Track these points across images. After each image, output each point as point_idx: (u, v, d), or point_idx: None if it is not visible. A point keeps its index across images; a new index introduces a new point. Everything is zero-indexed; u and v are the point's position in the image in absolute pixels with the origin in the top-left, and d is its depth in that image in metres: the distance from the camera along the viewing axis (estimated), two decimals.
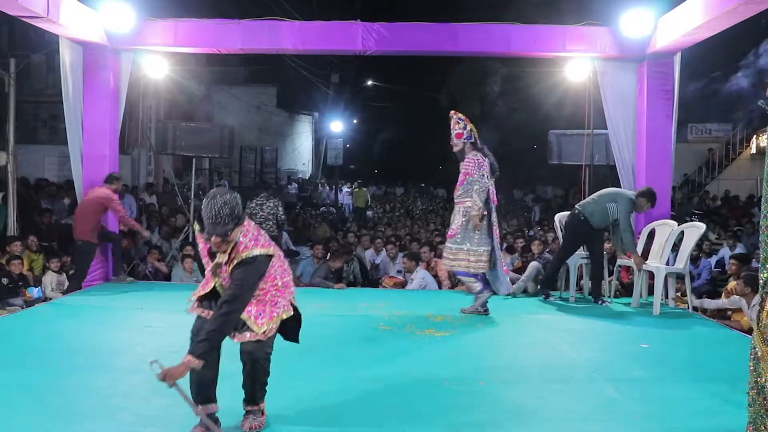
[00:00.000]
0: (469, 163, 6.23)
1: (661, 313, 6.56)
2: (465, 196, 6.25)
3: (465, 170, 6.24)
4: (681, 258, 6.81)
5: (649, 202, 6.96)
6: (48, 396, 3.85)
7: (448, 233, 6.49)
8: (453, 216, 6.44)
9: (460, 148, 6.32)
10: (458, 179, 6.33)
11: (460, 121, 6.30)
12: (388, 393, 4.03)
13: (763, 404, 2.76)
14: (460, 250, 6.23)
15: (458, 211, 6.32)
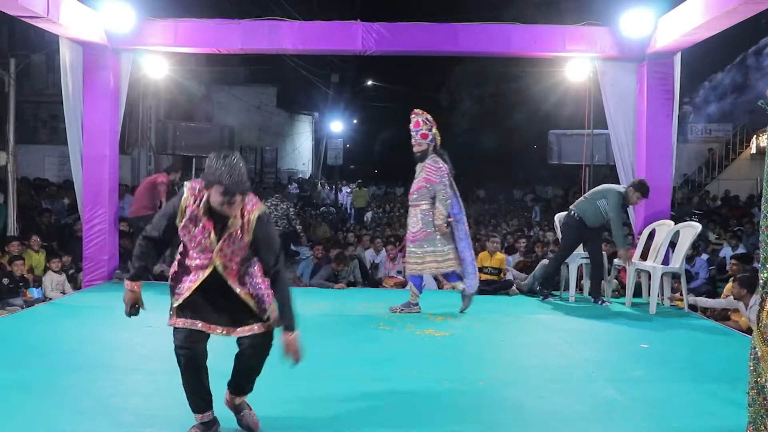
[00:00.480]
0: (431, 170, 6.19)
1: (661, 313, 6.56)
2: (422, 200, 6.24)
3: (427, 177, 6.19)
4: (677, 257, 6.81)
5: (639, 192, 6.92)
6: (48, 396, 3.85)
7: (407, 237, 6.44)
8: (409, 219, 6.40)
9: (423, 149, 6.25)
10: (416, 182, 6.29)
11: (427, 121, 6.24)
12: (388, 393, 4.03)
13: (763, 404, 2.76)
14: (426, 253, 6.23)
15: (415, 214, 6.30)
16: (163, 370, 4.44)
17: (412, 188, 6.39)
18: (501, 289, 7.68)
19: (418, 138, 6.23)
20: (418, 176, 6.29)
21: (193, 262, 3.30)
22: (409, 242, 6.34)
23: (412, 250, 6.29)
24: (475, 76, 26.35)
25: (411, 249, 6.30)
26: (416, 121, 6.26)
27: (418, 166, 6.31)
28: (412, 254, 6.29)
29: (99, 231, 7.79)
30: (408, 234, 6.42)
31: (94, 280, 7.78)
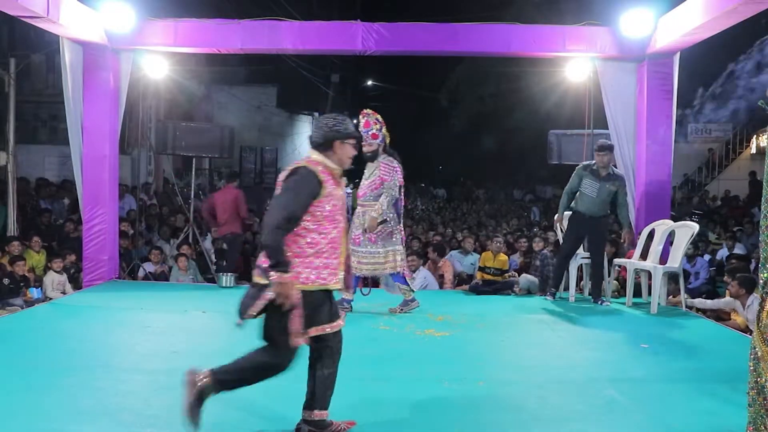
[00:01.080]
0: (386, 168, 6.15)
1: (661, 313, 6.56)
2: (376, 200, 6.19)
3: (382, 176, 6.15)
4: (675, 257, 6.81)
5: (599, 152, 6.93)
6: (48, 396, 3.85)
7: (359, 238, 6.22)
8: (363, 219, 6.24)
9: (374, 149, 6.18)
10: (369, 182, 6.23)
11: (377, 122, 6.18)
12: (388, 393, 4.03)
13: (763, 404, 2.76)
14: (387, 253, 6.16)
15: (365, 213, 6.23)
16: (163, 370, 4.44)
17: (363, 188, 6.27)
18: (502, 289, 7.67)
19: (368, 138, 6.15)
20: (370, 176, 6.23)
21: (329, 235, 3.24)
22: (369, 243, 6.16)
23: (372, 251, 6.15)
24: (475, 76, 26.34)
25: (370, 250, 6.15)
26: (366, 121, 6.19)
27: (369, 167, 6.26)
28: (372, 255, 6.15)
29: (99, 231, 7.79)
30: (364, 236, 6.19)
31: (94, 280, 7.78)
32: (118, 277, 8.16)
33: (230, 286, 7.88)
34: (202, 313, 6.30)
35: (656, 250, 6.89)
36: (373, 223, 6.11)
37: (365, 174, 6.32)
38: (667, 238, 6.98)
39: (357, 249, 6.16)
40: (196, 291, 7.77)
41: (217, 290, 7.82)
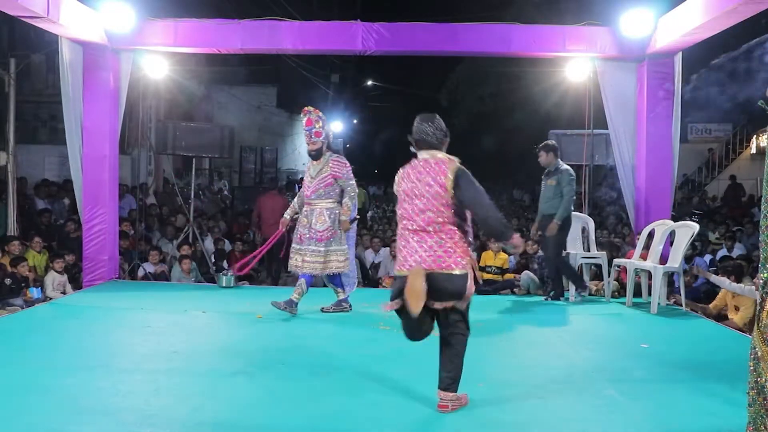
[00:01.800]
0: (338, 165, 6.10)
1: (661, 313, 6.57)
2: (327, 197, 6.11)
3: (334, 173, 6.08)
4: (675, 257, 6.82)
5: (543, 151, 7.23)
6: (48, 395, 3.85)
7: (310, 236, 6.09)
8: (311, 217, 6.13)
9: (318, 147, 6.11)
10: (317, 180, 6.11)
11: (319, 119, 6.09)
12: (388, 393, 4.03)
13: (763, 404, 2.76)
14: (330, 252, 6.09)
15: (320, 212, 6.11)
16: (163, 370, 4.45)
17: (311, 186, 6.16)
18: (502, 288, 7.68)
19: (312, 136, 6.07)
20: (318, 174, 6.12)
21: None
22: (318, 242, 6.06)
23: (316, 249, 6.06)
24: (475, 76, 26.38)
25: (314, 248, 6.06)
26: (308, 119, 6.08)
27: (314, 165, 6.18)
28: (316, 254, 6.06)
29: (99, 231, 7.80)
30: (308, 233, 6.09)
31: (94, 280, 7.79)
32: (118, 277, 8.17)
33: (230, 286, 7.88)
34: (202, 313, 6.31)
35: (656, 250, 6.89)
36: (346, 225, 6.09)
37: (310, 172, 6.23)
38: (668, 238, 6.98)
39: (301, 247, 6.11)
40: (196, 291, 7.77)
41: (217, 290, 7.82)
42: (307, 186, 6.25)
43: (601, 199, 11.64)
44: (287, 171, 27.41)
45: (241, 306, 6.62)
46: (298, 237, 6.19)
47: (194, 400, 3.85)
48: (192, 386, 4.13)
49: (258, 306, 6.36)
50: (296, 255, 6.19)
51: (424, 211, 3.62)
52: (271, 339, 5.40)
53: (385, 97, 32.59)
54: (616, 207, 10.11)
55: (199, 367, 4.53)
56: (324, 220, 6.10)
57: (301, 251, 6.12)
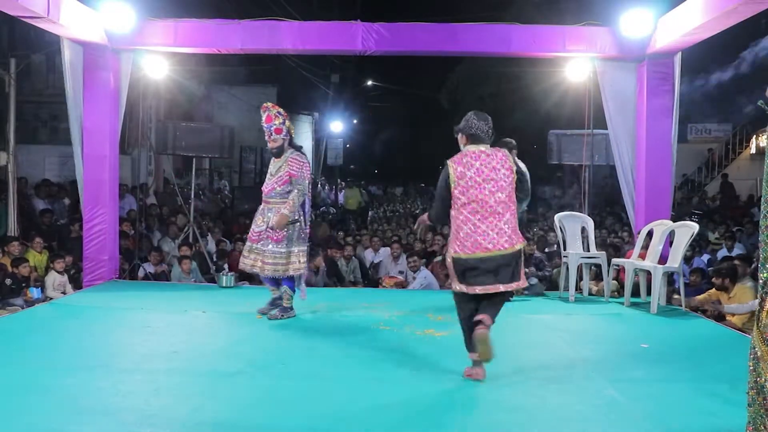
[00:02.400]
0: (296, 164, 5.87)
1: (661, 313, 6.57)
2: (285, 197, 5.88)
3: (290, 171, 5.84)
4: (674, 257, 6.82)
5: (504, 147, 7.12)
6: (48, 395, 3.85)
7: (268, 236, 5.85)
8: (269, 216, 5.89)
9: (279, 144, 5.89)
10: (275, 178, 5.90)
11: (279, 115, 5.86)
12: (388, 393, 4.03)
13: (763, 404, 2.76)
14: (291, 253, 5.86)
15: (277, 212, 5.87)
16: (163, 370, 4.45)
17: (269, 184, 5.94)
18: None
19: (272, 134, 5.87)
20: (277, 172, 5.91)
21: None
22: (275, 242, 5.83)
23: (276, 250, 5.83)
24: (475, 76, 26.36)
25: (275, 249, 5.83)
26: (268, 116, 5.87)
27: (274, 162, 5.97)
28: (276, 255, 5.83)
29: (99, 231, 7.80)
30: (266, 233, 5.87)
31: (94, 280, 7.79)
32: (119, 277, 8.17)
33: (230, 286, 7.88)
34: (202, 313, 6.31)
35: (655, 250, 6.90)
36: (284, 221, 5.77)
37: (270, 170, 6.04)
38: (667, 237, 6.99)
39: (259, 247, 5.89)
40: (196, 291, 7.77)
41: (217, 290, 7.82)
42: (265, 184, 6.02)
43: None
44: None
45: (241, 306, 6.62)
46: (251, 235, 5.95)
47: (194, 400, 3.85)
48: (192, 386, 4.13)
49: (258, 306, 6.35)
50: (251, 254, 5.93)
51: (494, 193, 4.15)
52: (271, 339, 5.40)
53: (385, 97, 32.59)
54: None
55: (199, 367, 4.53)
56: None
57: (257, 251, 5.88)
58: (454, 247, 4.22)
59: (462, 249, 4.16)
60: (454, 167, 4.21)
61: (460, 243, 4.18)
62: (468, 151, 4.26)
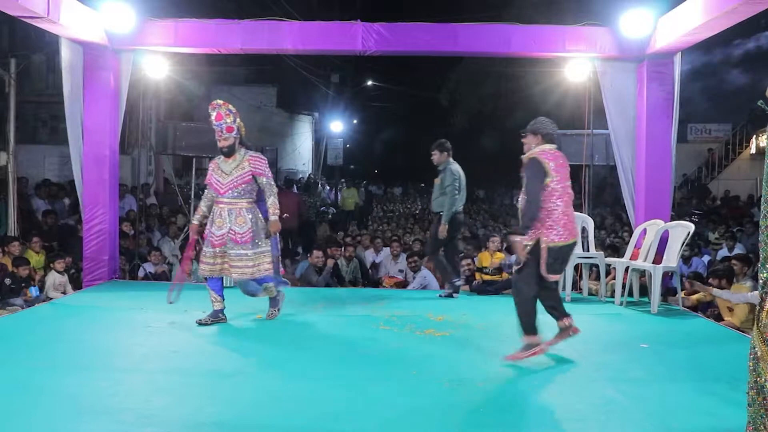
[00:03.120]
0: (258, 162, 5.69)
1: (661, 313, 6.57)
2: (246, 196, 5.69)
3: (254, 170, 5.66)
4: (670, 256, 6.83)
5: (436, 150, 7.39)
6: (48, 395, 3.85)
7: (232, 238, 5.62)
8: (229, 218, 5.65)
9: (230, 143, 5.65)
10: (234, 177, 5.64)
11: (230, 113, 5.64)
12: (388, 393, 4.03)
13: (763, 404, 2.76)
14: (260, 254, 5.67)
15: (239, 212, 5.65)
16: (163, 370, 4.45)
17: (225, 184, 5.67)
18: (503, 288, 7.67)
19: (223, 132, 5.63)
20: (233, 171, 5.66)
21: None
22: (240, 244, 5.61)
23: (243, 253, 5.61)
24: (475, 76, 26.31)
25: (241, 252, 5.61)
26: (218, 114, 5.63)
27: (226, 162, 5.71)
28: (243, 258, 5.62)
29: (99, 231, 7.80)
30: (230, 235, 5.62)
31: (94, 280, 7.79)
32: (118, 277, 8.17)
33: (230, 286, 7.86)
34: (202, 313, 6.30)
35: (650, 250, 6.92)
36: (277, 226, 5.68)
37: (222, 169, 5.72)
38: (662, 237, 7.00)
39: (225, 251, 5.66)
40: (196, 291, 7.76)
41: None
42: (219, 184, 5.71)
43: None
44: (287, 171, 27.43)
45: (240, 306, 6.62)
46: (213, 240, 5.68)
47: (194, 400, 3.86)
48: (192, 386, 4.13)
49: (258, 306, 6.35)
50: (215, 259, 5.71)
51: (571, 186, 4.71)
52: (271, 339, 5.40)
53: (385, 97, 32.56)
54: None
55: (199, 367, 4.53)
56: (244, 221, 5.65)
57: (222, 255, 5.67)
58: (549, 235, 4.51)
59: (560, 237, 4.52)
60: (546, 161, 4.54)
61: (556, 231, 4.51)
62: (546, 148, 4.64)
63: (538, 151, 4.63)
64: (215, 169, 5.78)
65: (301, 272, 9.10)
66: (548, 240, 4.52)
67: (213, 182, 5.76)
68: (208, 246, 5.74)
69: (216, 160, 5.83)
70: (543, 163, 4.55)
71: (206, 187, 5.94)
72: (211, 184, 5.79)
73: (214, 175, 5.76)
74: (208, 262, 5.74)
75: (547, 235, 4.52)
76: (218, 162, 5.79)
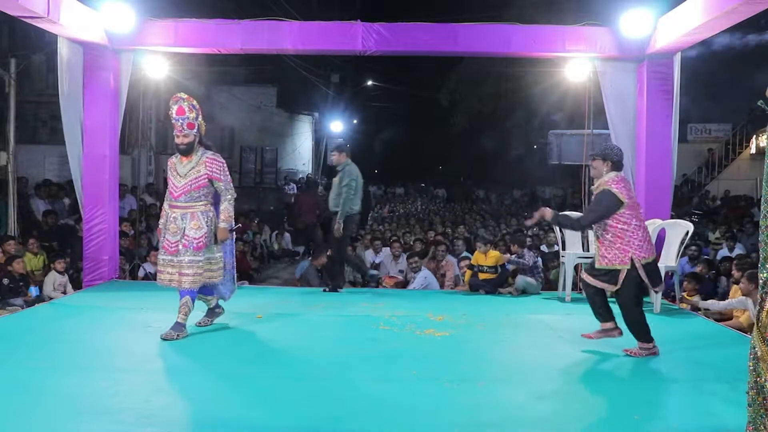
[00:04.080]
0: (215, 165, 5.30)
1: (661, 313, 6.57)
2: (202, 200, 5.30)
3: (210, 172, 5.27)
4: (667, 255, 6.84)
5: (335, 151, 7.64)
6: (48, 395, 3.86)
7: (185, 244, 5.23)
8: (183, 223, 5.26)
9: (190, 140, 5.22)
10: (189, 180, 5.26)
11: (192, 108, 5.23)
12: (388, 393, 4.03)
13: (763, 404, 2.76)
14: (210, 261, 5.37)
15: (194, 217, 5.26)
16: (163, 370, 4.45)
17: (180, 187, 5.27)
18: (500, 285, 7.66)
19: (184, 128, 5.18)
20: (189, 173, 5.27)
21: None
22: (195, 251, 5.22)
23: (195, 259, 5.22)
24: (475, 76, 26.32)
25: (191, 258, 5.21)
26: (180, 107, 5.19)
27: (182, 162, 5.30)
28: (195, 264, 5.22)
29: (99, 231, 7.80)
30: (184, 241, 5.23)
31: (94, 280, 7.78)
32: (118, 277, 8.17)
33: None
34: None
35: None
36: (226, 235, 5.39)
37: (177, 170, 5.33)
38: (665, 237, 7.01)
39: (174, 258, 5.25)
40: None
41: None
42: (174, 187, 5.31)
43: None
44: (287, 171, 27.45)
45: (241, 306, 6.62)
46: (169, 246, 5.27)
47: (194, 400, 3.86)
48: (192, 386, 4.13)
49: (258, 306, 6.36)
50: (168, 267, 5.29)
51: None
52: (271, 339, 5.40)
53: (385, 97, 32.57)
54: None
55: (199, 367, 4.53)
56: (200, 226, 5.26)
57: (174, 263, 5.25)
58: (640, 254, 4.77)
59: (648, 253, 4.82)
60: (619, 191, 4.81)
61: (644, 250, 4.79)
62: (619, 176, 4.92)
63: (610, 179, 4.89)
64: (171, 169, 5.39)
65: (301, 272, 9.11)
66: (640, 258, 4.79)
67: (170, 185, 5.36)
68: (164, 253, 5.33)
69: (172, 159, 5.42)
70: (616, 195, 4.81)
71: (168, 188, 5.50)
72: (169, 189, 5.39)
73: (170, 176, 5.38)
74: (162, 271, 5.35)
75: (638, 255, 4.78)
76: (174, 162, 5.39)
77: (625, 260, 4.76)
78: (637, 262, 4.76)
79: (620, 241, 4.78)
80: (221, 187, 5.36)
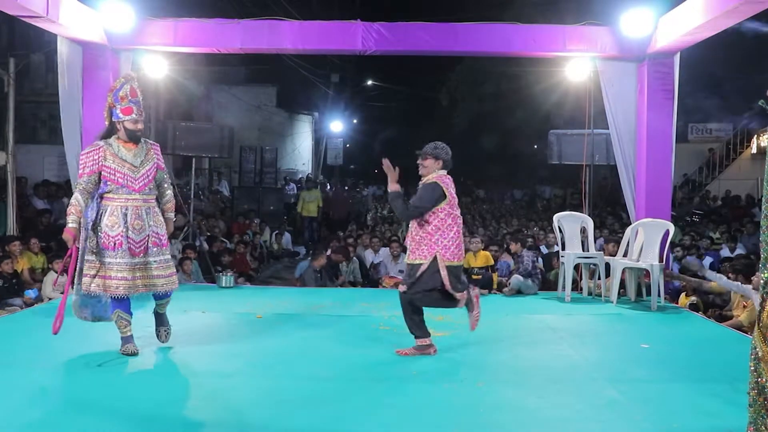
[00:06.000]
0: (159, 152, 4.86)
1: (661, 313, 6.57)
2: (155, 192, 4.83)
3: (159, 162, 4.82)
4: (650, 255, 6.87)
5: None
6: (48, 395, 3.85)
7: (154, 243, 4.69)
8: (148, 219, 4.69)
9: (141, 127, 4.70)
10: (144, 170, 4.68)
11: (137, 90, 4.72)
12: (389, 393, 4.03)
13: (764, 404, 2.76)
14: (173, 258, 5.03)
15: (155, 212, 4.78)
16: (164, 370, 4.45)
17: (137, 178, 4.65)
18: (485, 286, 7.62)
19: (141, 113, 4.69)
20: (144, 163, 4.70)
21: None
22: (163, 247, 4.77)
23: (161, 259, 4.72)
24: (475, 76, 26.33)
25: (162, 258, 4.73)
26: (131, 88, 4.66)
27: (130, 150, 4.66)
28: (164, 264, 4.73)
29: None
30: (155, 238, 4.71)
31: None
32: None
33: (230, 286, 7.88)
34: (202, 313, 6.30)
35: (636, 248, 6.99)
36: (170, 227, 4.97)
37: (126, 159, 4.63)
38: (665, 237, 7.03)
39: (147, 260, 4.67)
40: (196, 291, 7.76)
41: (217, 290, 7.81)
42: (130, 179, 4.62)
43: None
44: (287, 171, 27.44)
45: (241, 306, 6.62)
46: (133, 247, 4.59)
47: (194, 400, 3.85)
48: (192, 386, 4.13)
49: (258, 306, 6.35)
50: (133, 272, 4.59)
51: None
52: (271, 339, 5.39)
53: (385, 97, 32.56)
54: None
55: (199, 367, 4.52)
56: (161, 221, 4.79)
57: (142, 266, 4.63)
58: (446, 255, 4.72)
59: (455, 258, 4.78)
60: (446, 187, 4.81)
61: (451, 252, 4.74)
62: (446, 174, 4.93)
63: (436, 176, 4.87)
64: (113, 158, 4.60)
65: (300, 272, 9.10)
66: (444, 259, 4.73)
67: (118, 176, 4.58)
68: (125, 256, 4.55)
69: (105, 148, 4.61)
70: (441, 188, 4.78)
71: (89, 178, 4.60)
72: (113, 180, 4.58)
73: (115, 166, 4.59)
74: (125, 277, 4.55)
75: (443, 254, 4.73)
76: (113, 150, 4.63)
77: (429, 255, 4.70)
78: (440, 260, 4.69)
79: (430, 238, 4.72)
80: (164, 176, 4.91)
